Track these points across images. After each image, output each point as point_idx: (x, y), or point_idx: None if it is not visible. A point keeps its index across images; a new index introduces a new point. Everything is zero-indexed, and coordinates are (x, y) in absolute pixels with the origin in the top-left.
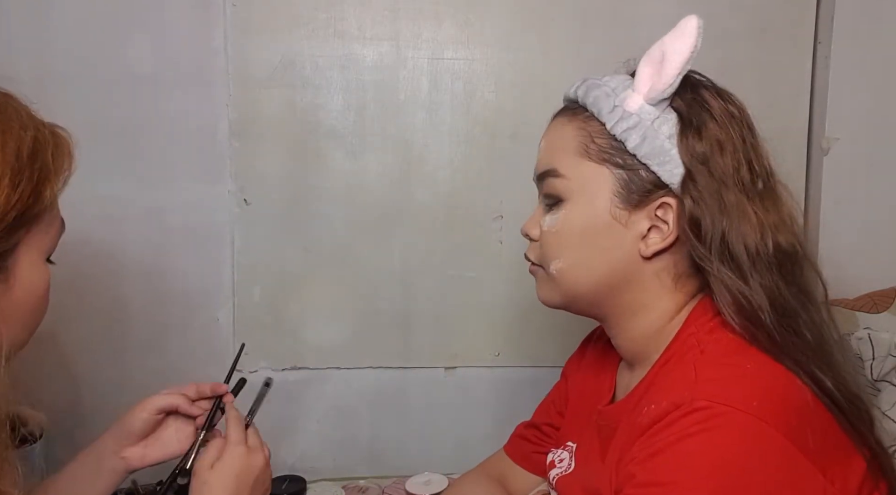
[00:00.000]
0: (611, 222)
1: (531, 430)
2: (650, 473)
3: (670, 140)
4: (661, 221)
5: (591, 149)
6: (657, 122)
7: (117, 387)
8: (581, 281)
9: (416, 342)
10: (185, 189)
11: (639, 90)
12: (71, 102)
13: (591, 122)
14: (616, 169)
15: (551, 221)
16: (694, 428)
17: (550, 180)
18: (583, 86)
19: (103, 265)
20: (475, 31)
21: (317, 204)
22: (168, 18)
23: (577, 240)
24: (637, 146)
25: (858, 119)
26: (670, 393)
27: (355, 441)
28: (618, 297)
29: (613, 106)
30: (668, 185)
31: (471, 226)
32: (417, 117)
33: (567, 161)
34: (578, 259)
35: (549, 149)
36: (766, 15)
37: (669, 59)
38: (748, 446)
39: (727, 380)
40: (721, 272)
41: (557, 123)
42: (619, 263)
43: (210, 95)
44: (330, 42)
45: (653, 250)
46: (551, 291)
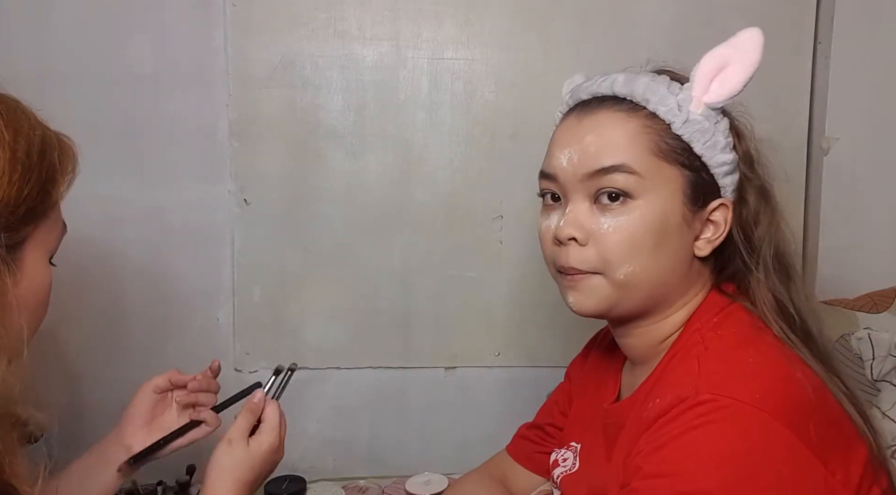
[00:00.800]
0: (680, 223)
1: (534, 431)
2: (656, 465)
3: (728, 145)
4: (711, 223)
5: (664, 148)
6: (719, 126)
7: (117, 387)
8: (649, 284)
9: (416, 342)
10: (185, 189)
11: (698, 94)
12: (71, 102)
13: (656, 121)
14: (685, 170)
15: (617, 222)
16: (698, 420)
17: (619, 176)
18: (636, 82)
19: (103, 265)
20: (475, 31)
21: (317, 204)
22: (168, 18)
23: (651, 241)
24: (703, 149)
25: (858, 119)
26: (675, 387)
27: (355, 441)
28: (667, 296)
29: (678, 106)
30: (721, 188)
31: (471, 226)
32: (417, 117)
33: (640, 157)
34: (649, 261)
35: (608, 144)
36: (766, 15)
37: (740, 68)
38: (752, 438)
39: (731, 374)
40: (768, 274)
41: (610, 118)
42: (679, 264)
43: (210, 95)
44: (330, 42)
45: (709, 250)
46: (604, 299)
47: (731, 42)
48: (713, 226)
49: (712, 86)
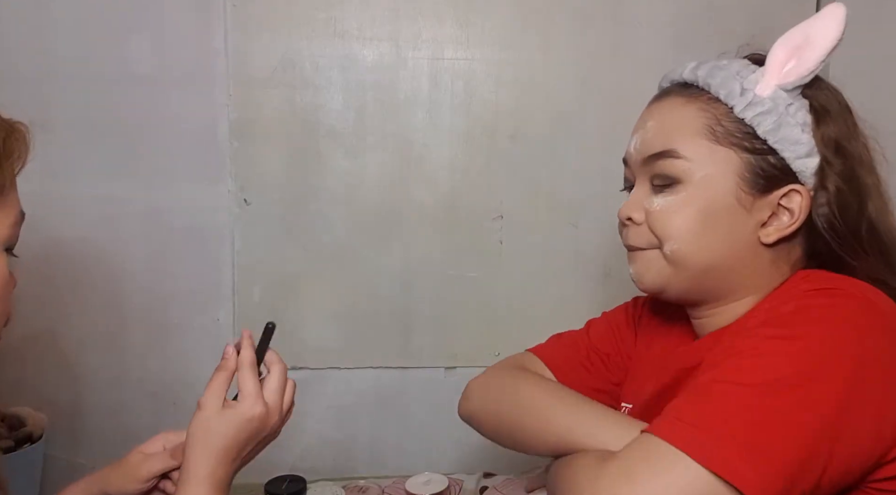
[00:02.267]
0: (734, 205)
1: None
2: (776, 329)
3: (804, 127)
4: (783, 209)
5: (718, 131)
6: (791, 108)
7: (117, 387)
8: (696, 262)
9: (416, 342)
10: (185, 189)
11: (771, 74)
12: (71, 102)
13: (716, 105)
14: (744, 153)
15: (665, 202)
16: (819, 299)
17: (667, 161)
18: (702, 67)
19: (103, 265)
20: (475, 31)
21: (317, 204)
22: (168, 18)
23: (697, 221)
24: (769, 131)
25: (858, 119)
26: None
27: (355, 441)
28: (729, 280)
29: (743, 89)
30: (795, 173)
31: (471, 226)
32: (417, 117)
33: (689, 142)
34: (696, 240)
35: (663, 129)
36: (765, 15)
37: (815, 45)
38: (870, 319)
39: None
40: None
41: (671, 103)
42: (736, 248)
43: (210, 95)
44: (330, 42)
45: (775, 237)
46: (658, 273)
47: (809, 20)
48: (788, 213)
49: (787, 66)
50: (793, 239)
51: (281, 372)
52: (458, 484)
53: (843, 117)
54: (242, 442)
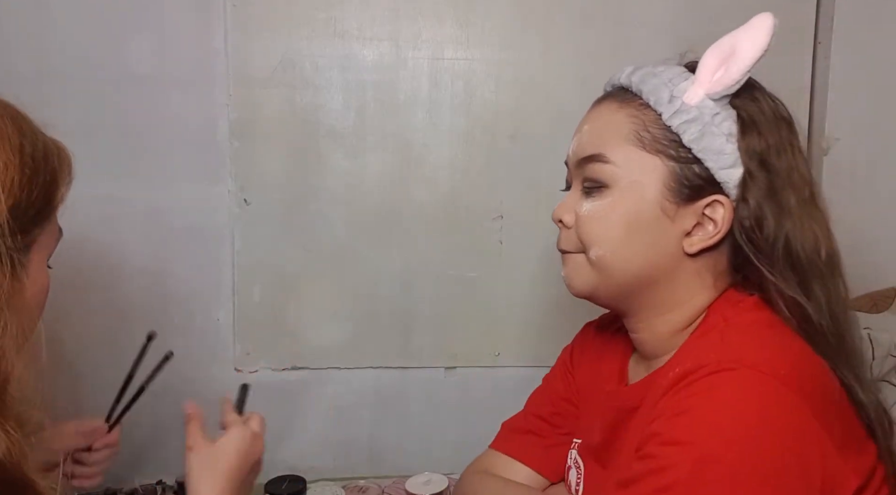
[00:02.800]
0: (658, 214)
1: (538, 422)
2: (673, 431)
3: (730, 138)
4: (707, 219)
5: (645, 137)
6: (717, 118)
7: (117, 387)
8: (619, 270)
9: (416, 342)
10: (185, 189)
11: (700, 83)
12: (71, 102)
13: (646, 111)
14: (669, 161)
15: (592, 207)
16: (718, 389)
17: (596, 165)
18: (637, 73)
19: (103, 265)
20: (475, 31)
21: (317, 204)
22: (168, 18)
23: (621, 228)
24: (694, 140)
25: (858, 119)
26: (696, 356)
27: (355, 441)
28: (652, 292)
29: (671, 96)
30: (719, 184)
31: (471, 226)
32: (417, 117)
33: (616, 147)
34: (620, 247)
35: (594, 133)
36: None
37: (741, 55)
38: (772, 411)
39: (753, 346)
40: (784, 277)
41: (606, 108)
42: (661, 257)
43: (210, 95)
44: (330, 42)
45: (698, 247)
46: (586, 278)
47: (738, 29)
48: (712, 223)
49: (715, 75)
50: (717, 249)
51: (261, 417)
52: None
53: (774, 130)
54: (243, 458)
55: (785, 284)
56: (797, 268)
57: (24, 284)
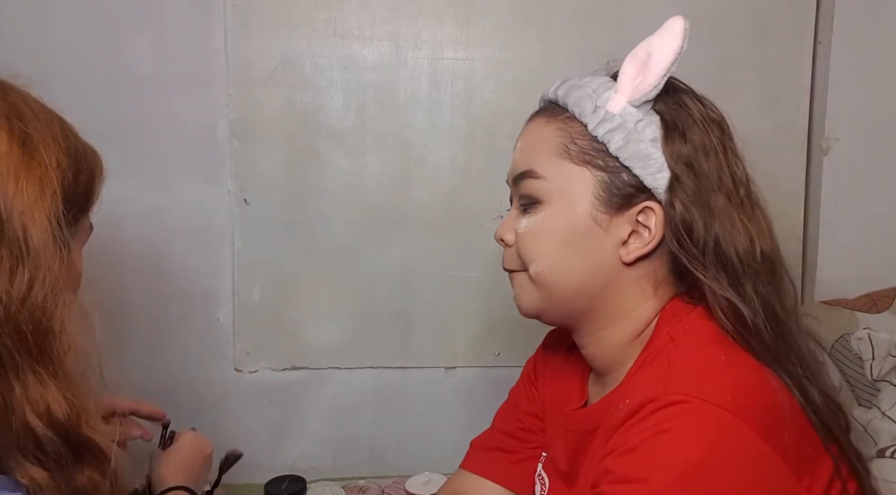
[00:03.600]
0: (591, 225)
1: (504, 438)
2: (624, 469)
3: (654, 143)
4: (642, 226)
5: (572, 150)
6: (640, 125)
7: (117, 387)
8: (560, 285)
9: (416, 342)
10: (185, 189)
11: (622, 91)
12: (71, 102)
13: (572, 123)
14: (597, 171)
15: (528, 223)
16: (667, 423)
17: (528, 181)
18: (562, 86)
19: (103, 265)
20: (475, 31)
21: (317, 204)
22: (168, 18)
23: (557, 242)
24: (620, 148)
25: (858, 119)
26: (645, 387)
27: (355, 441)
28: (596, 305)
29: (595, 106)
30: (650, 190)
31: (471, 226)
32: (417, 117)
33: (546, 162)
34: (557, 262)
35: (526, 149)
36: (766, 15)
37: (655, 61)
38: (722, 444)
39: (701, 373)
40: (717, 279)
41: (535, 124)
42: (598, 268)
43: (210, 95)
44: (330, 42)
45: (634, 256)
46: (530, 296)
47: (651, 36)
48: (647, 230)
49: (635, 82)
50: (654, 256)
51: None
52: None
53: (701, 132)
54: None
55: (718, 285)
56: (729, 269)
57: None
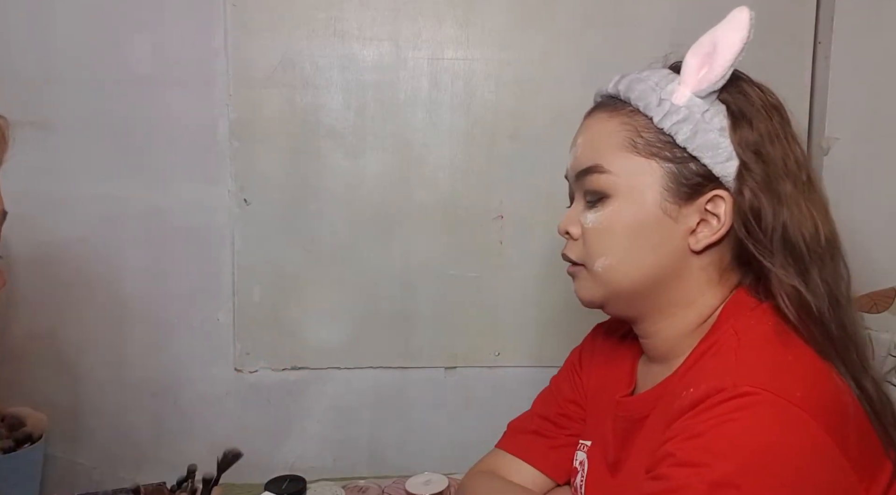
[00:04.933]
0: (661, 217)
1: (543, 423)
2: (689, 453)
3: (722, 132)
4: (710, 215)
5: (639, 143)
6: (707, 115)
7: (117, 387)
8: (628, 277)
9: (416, 342)
10: (185, 189)
11: (686, 83)
12: (71, 102)
13: (637, 117)
14: (665, 163)
15: (596, 218)
16: (737, 413)
17: (594, 176)
18: (623, 81)
19: (103, 265)
20: (475, 31)
21: (317, 204)
22: (168, 18)
23: (626, 236)
24: (688, 139)
25: (858, 119)
26: (711, 378)
27: (355, 441)
28: (662, 293)
29: (660, 99)
30: (718, 178)
31: (471, 226)
32: (417, 117)
33: (613, 156)
34: (627, 255)
35: (589, 145)
36: (766, 15)
37: (722, 51)
38: (789, 436)
39: (770, 369)
40: (783, 266)
41: (597, 119)
42: (667, 258)
43: (210, 95)
44: (330, 42)
45: (703, 244)
46: (594, 289)
47: (717, 26)
48: (715, 219)
49: (700, 73)
50: (720, 244)
51: None
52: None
53: (765, 119)
54: None
55: (784, 273)
56: (796, 256)
57: None
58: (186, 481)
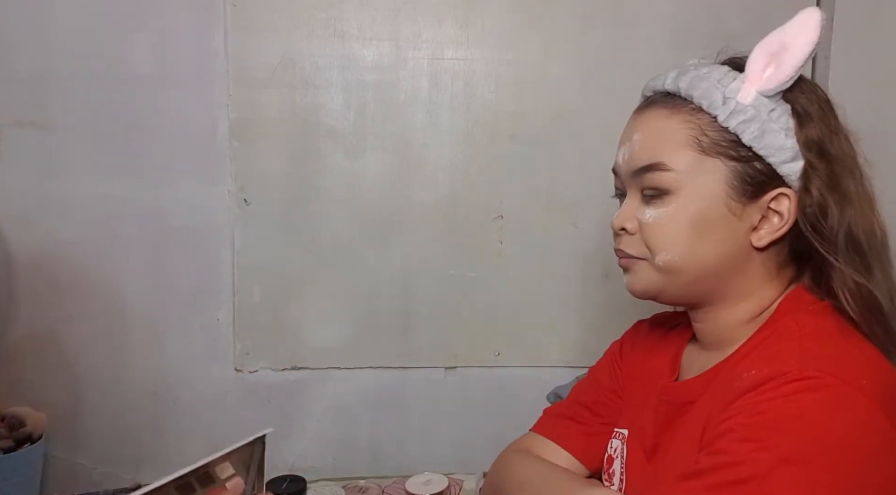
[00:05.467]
0: (724, 213)
1: (580, 409)
2: (750, 430)
3: (787, 132)
4: (772, 212)
5: (704, 141)
6: (773, 114)
7: (117, 387)
8: (689, 271)
9: (416, 342)
10: (185, 189)
11: (751, 81)
12: (71, 102)
13: (700, 114)
14: (730, 161)
15: (657, 214)
16: (803, 395)
17: (656, 174)
18: (683, 78)
19: (103, 265)
20: (475, 31)
21: (317, 204)
22: (168, 18)
23: (688, 232)
24: (754, 138)
25: (858, 119)
26: (774, 361)
27: (355, 441)
28: (721, 286)
29: (725, 98)
30: (782, 177)
31: (471, 226)
32: (417, 117)
33: (675, 154)
34: (689, 250)
35: (649, 141)
36: (765, 15)
37: (792, 52)
38: (853, 421)
39: (834, 357)
40: (849, 263)
41: (655, 115)
42: (729, 254)
43: (210, 95)
44: (330, 42)
45: (766, 241)
46: (651, 282)
47: (785, 25)
48: (778, 216)
49: (766, 72)
50: (781, 240)
51: None
52: (458, 484)
53: (824, 117)
54: None
55: (852, 270)
56: (860, 253)
57: None
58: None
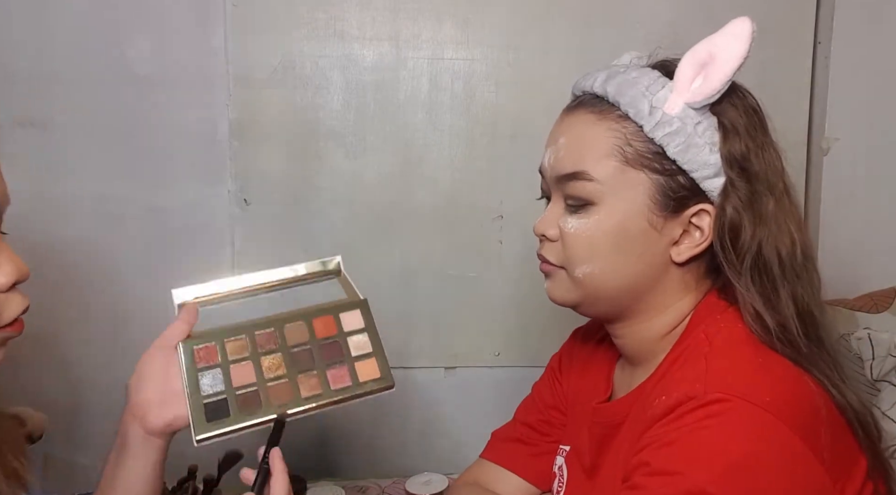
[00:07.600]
0: (645, 228)
1: (524, 430)
2: (663, 462)
3: (712, 147)
4: (694, 227)
5: (628, 152)
6: (699, 128)
7: (117, 387)
8: (608, 285)
9: (416, 342)
10: (185, 189)
11: (679, 92)
12: (70, 102)
13: (626, 123)
14: (653, 174)
15: (579, 224)
16: (708, 420)
17: (579, 183)
18: (612, 81)
19: (103, 265)
20: (475, 31)
21: (317, 204)
22: (168, 18)
23: (609, 245)
24: (678, 152)
25: (858, 119)
26: (682, 384)
27: (355, 441)
28: (640, 300)
29: (651, 107)
30: (704, 192)
31: (471, 226)
32: (417, 117)
33: (599, 163)
34: (609, 264)
35: (574, 148)
36: (766, 15)
37: (721, 64)
38: (762, 442)
39: (740, 373)
40: (748, 286)
41: (582, 120)
42: (649, 268)
43: (210, 95)
44: (330, 42)
45: (686, 256)
46: (569, 292)
47: (715, 35)
48: (699, 231)
49: (694, 83)
50: (700, 255)
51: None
52: None
53: (751, 131)
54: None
55: (747, 292)
56: (768, 274)
57: None
58: (187, 482)
